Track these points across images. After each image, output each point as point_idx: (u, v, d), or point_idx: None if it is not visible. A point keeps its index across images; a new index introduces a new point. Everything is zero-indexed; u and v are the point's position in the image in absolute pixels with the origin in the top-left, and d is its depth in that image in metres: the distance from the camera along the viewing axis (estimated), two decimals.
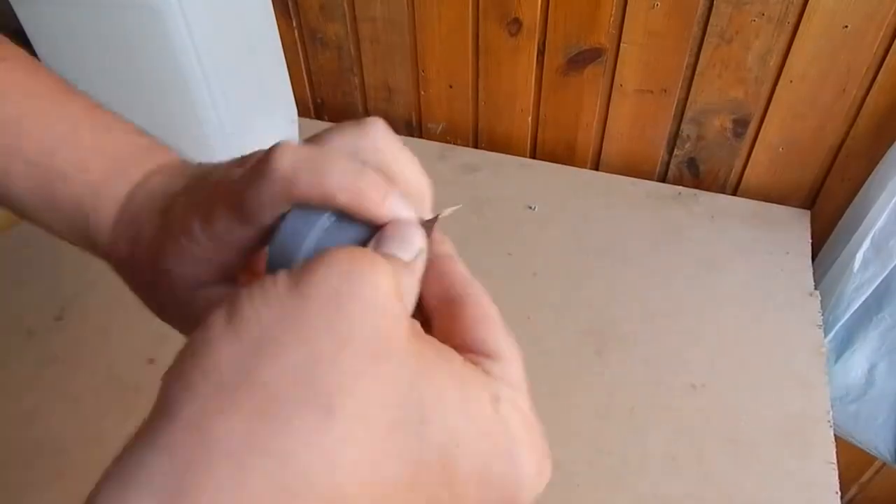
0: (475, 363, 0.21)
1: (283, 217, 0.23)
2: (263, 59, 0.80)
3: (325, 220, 0.23)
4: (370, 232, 0.23)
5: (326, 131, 0.25)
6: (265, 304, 0.18)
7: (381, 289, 0.19)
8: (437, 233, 0.25)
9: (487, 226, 0.76)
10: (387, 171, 0.25)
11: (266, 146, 0.24)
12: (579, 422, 0.57)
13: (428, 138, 0.92)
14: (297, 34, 0.90)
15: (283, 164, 0.22)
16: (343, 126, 0.25)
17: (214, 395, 0.17)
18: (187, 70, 0.67)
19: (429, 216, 0.26)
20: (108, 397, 0.60)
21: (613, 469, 0.54)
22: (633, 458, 0.55)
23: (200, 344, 0.18)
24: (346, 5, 0.84)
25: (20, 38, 0.70)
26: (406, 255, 0.22)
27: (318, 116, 0.99)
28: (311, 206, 0.23)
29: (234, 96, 0.73)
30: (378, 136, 0.25)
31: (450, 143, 0.92)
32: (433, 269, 0.24)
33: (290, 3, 0.87)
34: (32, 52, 0.70)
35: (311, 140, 0.25)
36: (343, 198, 0.22)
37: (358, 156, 0.24)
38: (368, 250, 0.20)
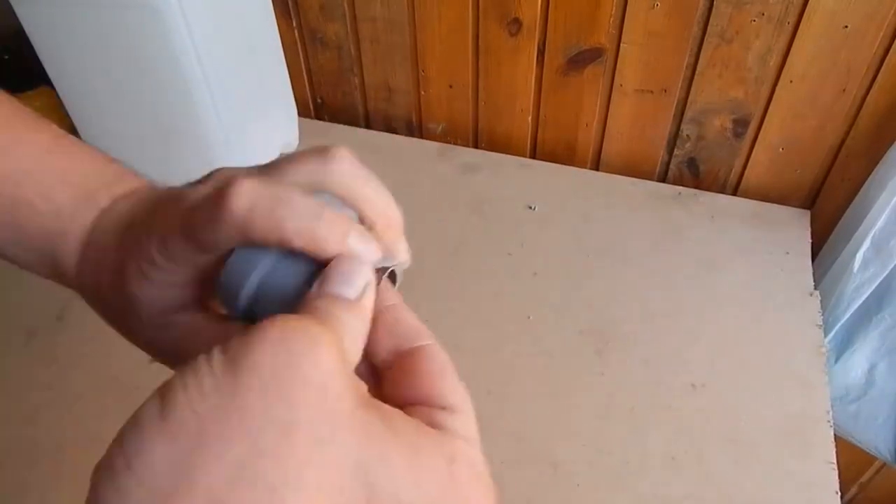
0: (431, 419, 0.21)
1: (231, 250, 0.23)
2: (263, 59, 0.80)
3: (271, 257, 0.23)
4: (317, 265, 0.23)
5: (288, 159, 0.24)
6: (200, 395, 0.17)
7: (322, 366, 0.18)
8: (385, 282, 0.24)
9: (487, 226, 0.76)
10: (352, 203, 0.24)
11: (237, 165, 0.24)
12: (579, 422, 0.57)
13: (428, 138, 0.92)
14: (297, 34, 0.90)
15: (239, 205, 0.21)
16: (306, 155, 0.24)
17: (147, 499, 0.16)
18: (187, 70, 0.67)
19: (401, 248, 0.26)
20: (108, 397, 0.60)
21: (613, 469, 0.54)
22: (633, 458, 0.55)
23: (133, 441, 0.17)
24: (346, 5, 0.84)
25: (20, 38, 0.70)
26: (351, 292, 0.21)
27: (318, 116, 0.99)
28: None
29: (234, 96, 0.73)
30: (343, 168, 0.24)
31: (450, 143, 0.92)
32: (382, 319, 0.23)
33: (290, 3, 0.87)
34: (32, 52, 0.70)
35: (273, 169, 0.24)
36: (299, 242, 0.22)
37: (323, 186, 0.24)
38: (305, 320, 0.19)
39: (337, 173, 0.24)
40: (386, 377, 0.23)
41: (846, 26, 0.65)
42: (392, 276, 0.27)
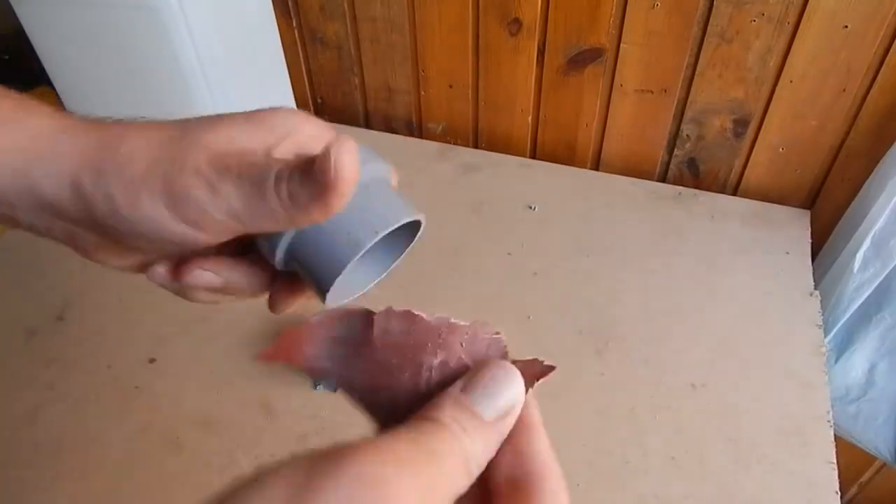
0: None
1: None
2: (263, 59, 0.80)
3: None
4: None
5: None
6: None
7: None
8: (531, 394, 0.21)
9: (487, 226, 0.76)
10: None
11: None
12: (579, 422, 0.57)
13: (428, 138, 0.92)
14: (297, 34, 0.90)
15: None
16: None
17: None
18: (187, 70, 0.67)
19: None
20: (108, 397, 0.60)
21: (613, 469, 0.54)
22: (633, 458, 0.55)
23: None
24: (346, 5, 0.84)
25: (20, 38, 0.70)
26: (491, 412, 0.19)
27: (318, 116, 0.98)
28: None
29: (234, 96, 0.73)
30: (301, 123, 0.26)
31: (450, 143, 0.92)
32: (513, 441, 0.20)
33: (290, 3, 0.87)
34: (32, 52, 0.70)
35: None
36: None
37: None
38: (394, 457, 0.17)
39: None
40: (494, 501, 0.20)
41: (846, 26, 0.65)
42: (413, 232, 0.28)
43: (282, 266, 0.26)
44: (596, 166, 0.87)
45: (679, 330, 0.65)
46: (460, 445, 0.18)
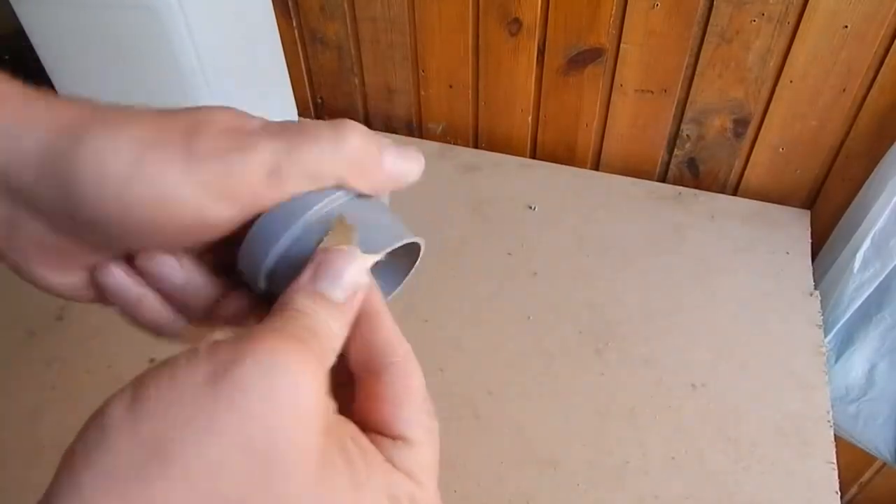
0: (384, 450, 0.20)
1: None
2: (263, 59, 0.80)
3: (292, 233, 0.23)
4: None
5: (299, 133, 0.23)
6: (176, 399, 0.16)
7: (303, 399, 0.17)
8: (374, 284, 0.23)
9: (487, 226, 0.76)
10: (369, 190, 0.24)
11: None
12: (579, 422, 0.57)
13: (428, 138, 0.92)
14: (297, 34, 0.90)
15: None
16: (318, 131, 0.23)
17: (103, 491, 0.15)
18: (187, 70, 0.67)
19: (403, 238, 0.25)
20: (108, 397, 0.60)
21: (613, 469, 0.54)
22: (633, 458, 0.55)
23: (95, 431, 0.16)
24: (346, 5, 0.84)
25: (20, 38, 0.70)
26: (339, 293, 0.21)
27: (319, 116, 0.99)
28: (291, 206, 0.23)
29: (234, 96, 0.73)
30: (356, 146, 0.23)
31: (450, 143, 0.92)
32: (359, 328, 0.22)
33: (290, 3, 0.87)
34: (32, 52, 0.70)
35: (285, 137, 0.22)
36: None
37: (337, 179, 0.23)
38: (292, 342, 0.18)
39: (351, 151, 0.23)
40: (356, 392, 0.22)
41: (846, 26, 0.65)
42: (413, 257, 0.27)
43: (264, 282, 0.24)
44: (596, 166, 0.87)
45: (679, 330, 0.65)
46: (322, 325, 0.20)
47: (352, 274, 0.21)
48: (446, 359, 0.62)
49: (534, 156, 0.90)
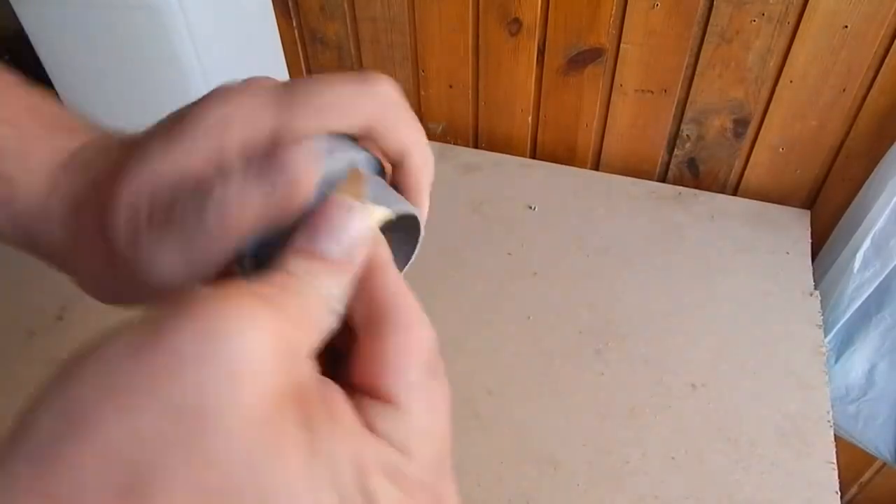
0: (366, 413, 0.18)
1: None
2: (263, 59, 0.80)
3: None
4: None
5: (319, 82, 0.21)
6: (101, 368, 0.15)
7: (245, 356, 0.15)
8: (380, 236, 0.21)
9: (487, 226, 0.76)
10: (395, 147, 0.22)
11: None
12: (579, 422, 0.57)
13: (428, 138, 0.92)
14: (297, 34, 0.90)
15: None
16: (343, 80, 0.21)
17: (25, 465, 0.15)
18: (187, 70, 0.67)
19: (426, 206, 0.23)
20: None
21: (613, 469, 0.54)
22: (633, 458, 0.55)
23: (41, 391, 0.16)
24: (346, 5, 0.84)
25: (20, 38, 0.70)
26: (336, 249, 0.19)
27: None
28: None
29: None
30: (388, 101, 0.22)
31: (450, 143, 0.92)
32: (362, 283, 0.20)
33: (290, 3, 0.87)
34: (32, 52, 0.70)
35: (300, 93, 0.21)
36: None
37: (363, 121, 0.21)
38: (245, 297, 0.16)
39: (380, 107, 0.22)
40: (357, 351, 0.20)
41: (846, 26, 0.65)
42: (414, 237, 0.24)
43: (251, 261, 0.22)
44: (596, 166, 0.87)
45: (679, 330, 0.65)
46: (310, 288, 0.18)
47: (356, 228, 0.19)
48: (446, 359, 0.62)
49: (534, 156, 0.90)
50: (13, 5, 0.66)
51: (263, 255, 0.22)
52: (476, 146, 0.92)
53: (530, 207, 0.79)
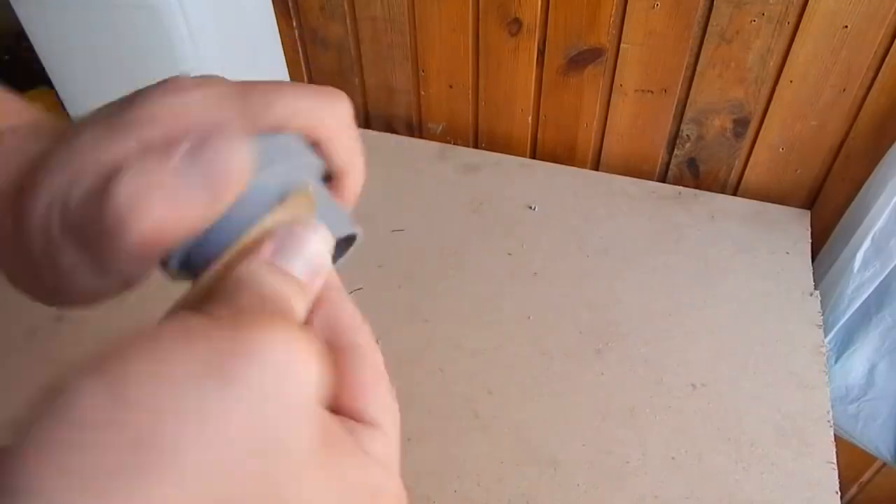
0: (350, 431, 0.18)
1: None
2: (263, 59, 0.80)
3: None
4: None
5: (278, 88, 0.21)
6: (167, 391, 0.14)
7: (307, 388, 0.16)
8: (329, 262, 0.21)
9: (487, 226, 0.76)
10: (340, 163, 0.22)
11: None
12: (579, 422, 0.57)
13: (428, 138, 0.92)
14: (297, 34, 0.90)
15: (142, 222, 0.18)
16: (302, 90, 0.21)
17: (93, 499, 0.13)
18: (187, 70, 0.67)
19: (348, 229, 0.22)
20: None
21: (613, 469, 0.54)
22: (633, 458, 0.55)
23: (61, 425, 0.14)
24: (346, 5, 0.84)
25: (20, 38, 0.70)
26: (304, 271, 0.19)
27: None
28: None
29: None
30: (344, 118, 0.22)
31: (450, 143, 0.92)
32: (322, 306, 0.20)
33: (290, 3, 0.87)
34: (32, 52, 0.70)
35: (256, 96, 0.20)
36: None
37: (312, 131, 0.21)
38: (309, 339, 0.16)
39: (335, 123, 0.21)
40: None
41: (846, 26, 0.65)
42: (343, 249, 0.24)
43: (175, 270, 0.21)
44: (596, 166, 0.87)
45: (679, 330, 0.65)
46: (295, 310, 0.18)
47: (320, 252, 0.19)
48: (446, 359, 0.62)
49: (534, 156, 0.90)
50: (13, 5, 0.66)
51: (186, 257, 0.20)
52: (476, 146, 0.92)
53: (530, 207, 0.79)
